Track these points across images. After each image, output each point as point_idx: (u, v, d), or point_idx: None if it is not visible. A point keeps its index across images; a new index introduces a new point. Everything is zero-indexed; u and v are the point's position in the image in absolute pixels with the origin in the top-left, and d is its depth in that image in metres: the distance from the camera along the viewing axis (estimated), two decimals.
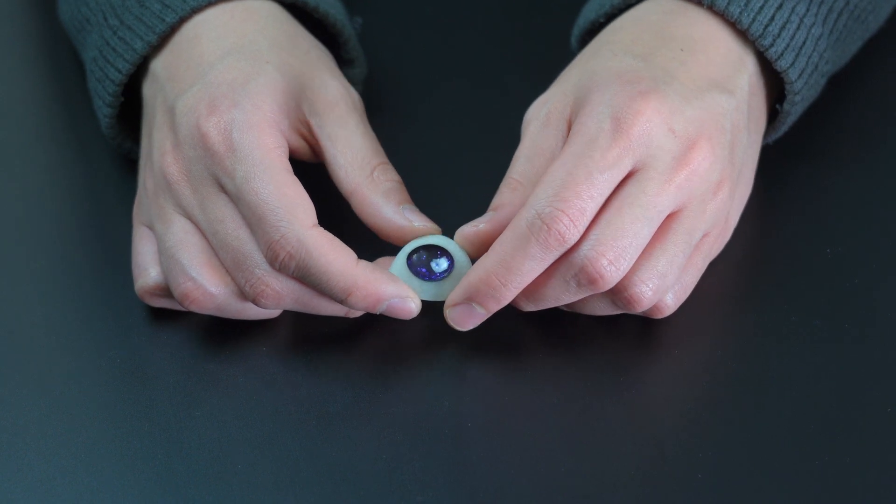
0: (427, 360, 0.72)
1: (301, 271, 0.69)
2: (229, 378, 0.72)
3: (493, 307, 0.70)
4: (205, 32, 0.75)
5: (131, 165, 0.80)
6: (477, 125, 0.84)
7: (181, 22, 0.76)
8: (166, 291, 0.73)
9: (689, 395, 0.71)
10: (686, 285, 0.72)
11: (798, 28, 0.74)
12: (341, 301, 0.70)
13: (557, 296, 0.70)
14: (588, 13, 0.78)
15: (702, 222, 0.71)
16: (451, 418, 0.70)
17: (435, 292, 0.72)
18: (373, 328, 0.73)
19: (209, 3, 0.76)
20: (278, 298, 0.70)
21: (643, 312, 0.72)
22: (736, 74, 0.73)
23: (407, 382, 0.72)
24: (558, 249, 0.68)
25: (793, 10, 0.74)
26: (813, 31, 0.75)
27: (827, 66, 0.77)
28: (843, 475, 0.67)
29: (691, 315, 0.73)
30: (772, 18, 0.73)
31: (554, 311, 0.73)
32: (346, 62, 0.82)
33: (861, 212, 0.78)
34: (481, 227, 0.72)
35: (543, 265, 0.69)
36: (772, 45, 0.73)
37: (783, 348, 0.72)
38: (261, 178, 0.70)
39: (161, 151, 0.73)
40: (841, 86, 0.83)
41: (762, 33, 0.73)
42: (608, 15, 0.77)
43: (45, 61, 0.91)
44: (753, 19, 0.73)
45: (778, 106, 0.77)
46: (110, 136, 0.79)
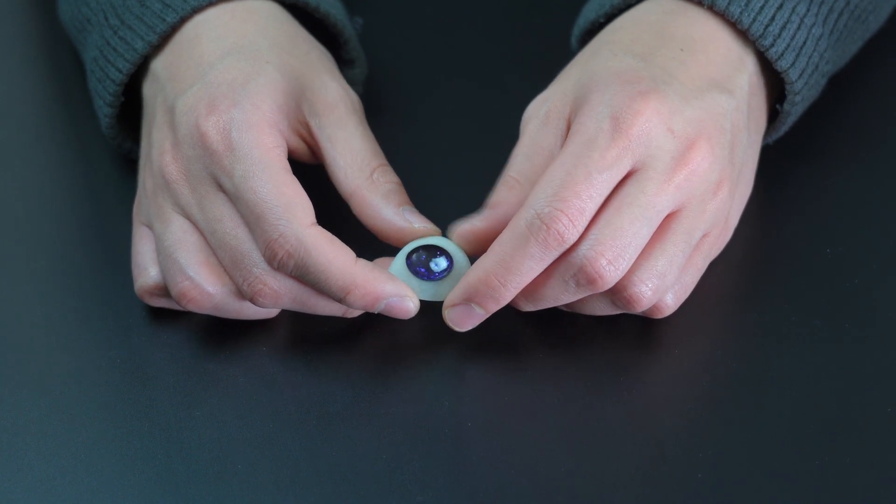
0: (427, 360, 0.72)
1: (299, 270, 0.69)
2: (229, 378, 0.72)
3: (492, 307, 0.70)
4: (205, 32, 0.75)
5: (131, 165, 0.80)
6: (477, 125, 0.84)
7: (182, 22, 0.76)
8: (166, 291, 0.73)
9: (689, 395, 0.71)
10: (686, 285, 0.72)
11: (798, 28, 0.74)
12: (339, 299, 0.70)
13: (556, 296, 0.70)
14: (588, 13, 0.78)
15: (701, 222, 0.71)
16: (451, 418, 0.70)
17: (434, 292, 0.72)
18: (372, 328, 0.73)
19: (210, 3, 0.76)
20: (276, 297, 0.70)
21: (643, 312, 0.72)
22: (736, 74, 0.73)
23: (407, 382, 0.72)
24: (557, 249, 0.68)
25: (793, 10, 0.74)
26: (813, 31, 0.75)
27: (827, 67, 0.77)
28: (843, 475, 0.67)
29: (691, 315, 0.73)
30: (772, 18, 0.73)
31: (553, 312, 0.73)
32: (346, 62, 0.82)
33: (861, 212, 0.78)
34: (477, 224, 0.72)
35: (543, 265, 0.69)
36: (772, 45, 0.73)
37: (783, 348, 0.72)
38: (259, 176, 0.70)
39: (160, 151, 0.73)
40: (841, 86, 0.83)
41: (763, 33, 0.73)
42: (608, 15, 0.77)
43: (45, 61, 0.91)
44: (754, 19, 0.73)
45: (778, 106, 0.77)
46: (111, 136, 0.79)
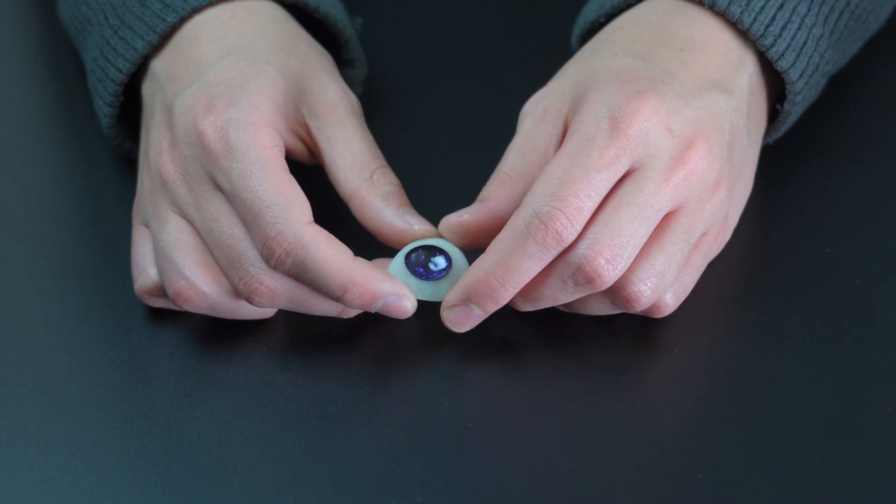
0: (427, 361, 0.72)
1: (297, 268, 0.69)
2: (229, 378, 0.72)
3: (491, 308, 0.70)
4: (205, 32, 0.75)
5: (131, 165, 0.80)
6: (477, 125, 0.84)
7: (182, 21, 0.76)
8: (165, 291, 0.73)
9: (689, 395, 0.71)
10: (685, 284, 0.72)
11: (799, 28, 0.74)
12: (337, 298, 0.70)
13: (555, 295, 0.70)
14: (588, 13, 0.78)
15: (700, 221, 0.71)
16: (451, 418, 0.70)
17: (432, 292, 0.71)
18: (372, 328, 0.73)
19: (210, 3, 0.76)
20: (272, 297, 0.70)
21: (643, 312, 0.72)
22: (736, 74, 0.73)
23: (407, 382, 0.72)
24: (556, 248, 0.68)
25: (794, 10, 0.74)
26: (814, 31, 0.75)
27: (828, 67, 0.77)
28: (843, 475, 0.67)
29: (691, 315, 0.73)
30: (773, 18, 0.73)
31: (552, 312, 0.73)
32: (346, 62, 0.82)
33: (861, 212, 0.78)
34: (465, 217, 0.72)
35: (541, 264, 0.69)
36: (773, 45, 0.73)
37: (783, 348, 0.72)
38: (257, 175, 0.70)
39: (158, 150, 0.73)
40: (841, 86, 0.83)
41: (763, 33, 0.73)
42: (608, 15, 0.77)
43: (45, 61, 0.91)
44: (755, 19, 0.73)
45: (778, 106, 0.77)
46: (111, 136, 0.79)
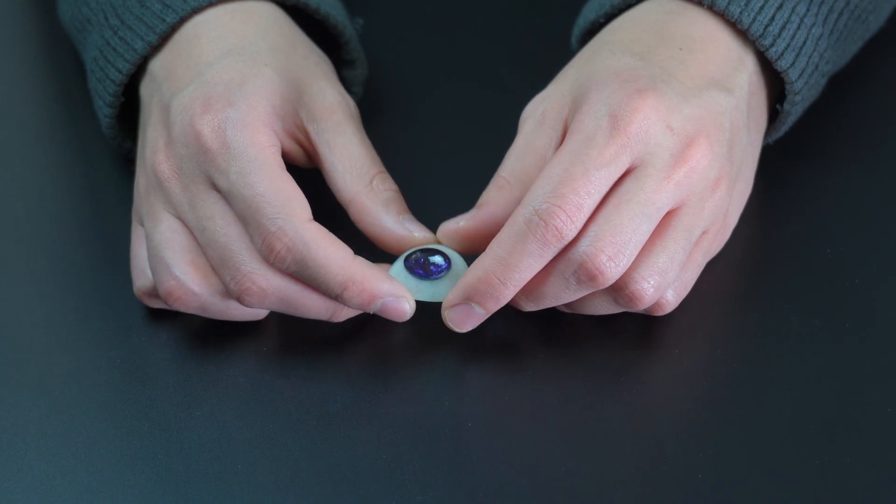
0: (427, 361, 0.72)
1: (298, 265, 0.69)
2: (229, 378, 0.72)
3: (492, 307, 0.70)
4: (204, 33, 0.75)
5: (131, 165, 0.80)
6: (477, 125, 0.84)
7: (181, 22, 0.76)
8: None
9: (689, 395, 0.71)
10: (686, 282, 0.72)
11: (798, 28, 0.74)
12: (336, 296, 0.70)
13: (557, 294, 0.70)
14: (588, 13, 0.78)
15: (701, 219, 0.71)
16: (451, 418, 0.70)
17: (432, 292, 0.71)
18: (373, 328, 0.73)
19: (210, 4, 0.76)
20: (263, 296, 0.70)
21: (644, 310, 0.72)
22: (735, 74, 0.73)
23: (407, 382, 0.72)
24: (556, 246, 0.68)
25: (793, 10, 0.74)
26: (813, 31, 0.75)
27: (827, 66, 0.77)
28: (843, 475, 0.67)
29: (691, 315, 0.73)
30: (772, 18, 0.73)
31: (553, 312, 0.73)
32: (346, 63, 0.82)
33: (861, 212, 0.78)
34: (461, 224, 0.72)
35: (542, 262, 0.69)
36: (772, 44, 0.73)
37: (783, 348, 0.72)
38: (256, 173, 0.70)
39: (153, 149, 0.73)
40: (841, 86, 0.83)
41: (762, 33, 0.73)
42: (608, 15, 0.77)
43: (45, 61, 0.91)
44: (754, 19, 0.73)
45: (778, 106, 0.77)
46: (110, 136, 0.79)
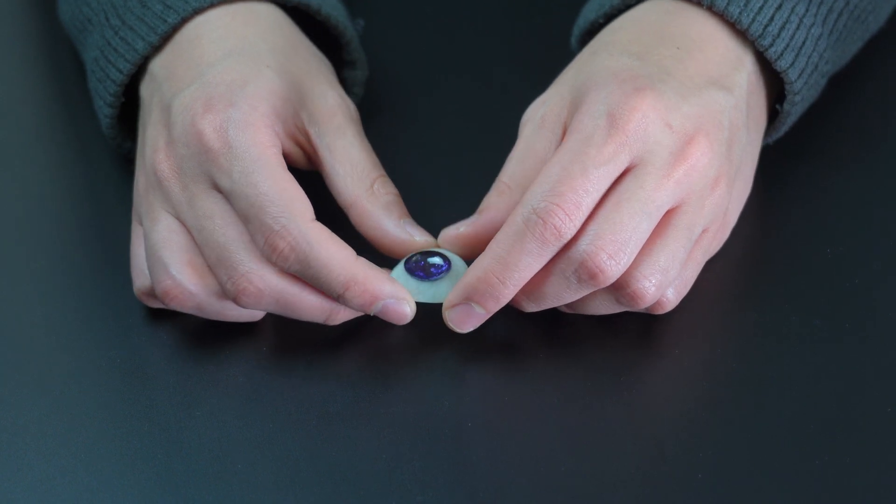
0: (427, 360, 0.72)
1: (301, 264, 0.69)
2: (229, 378, 0.72)
3: (493, 306, 0.70)
4: (206, 33, 0.75)
5: (131, 165, 0.80)
6: (477, 125, 0.84)
7: (183, 22, 0.76)
8: None
9: (689, 395, 0.71)
10: (686, 280, 0.72)
11: (798, 28, 0.74)
12: (337, 296, 0.70)
13: (559, 293, 0.70)
14: (588, 13, 0.78)
15: (701, 217, 0.71)
16: (451, 418, 0.70)
17: (432, 293, 0.71)
18: (373, 329, 0.73)
19: (211, 5, 0.76)
20: (259, 297, 0.70)
21: (645, 309, 0.71)
22: (734, 73, 0.73)
23: (407, 382, 0.72)
24: (555, 244, 0.68)
25: (792, 10, 0.74)
26: (812, 31, 0.75)
27: (827, 66, 0.77)
28: (843, 475, 0.67)
29: (691, 315, 0.73)
30: (771, 18, 0.73)
31: (553, 312, 0.73)
32: (347, 64, 0.82)
33: (861, 212, 0.78)
34: (461, 230, 0.72)
35: (541, 261, 0.69)
36: (771, 44, 0.73)
37: (783, 348, 0.72)
38: (260, 172, 0.70)
39: (153, 148, 0.73)
40: (841, 86, 0.83)
41: (762, 33, 0.73)
42: (607, 15, 0.77)
43: (45, 61, 0.91)
44: (753, 19, 0.73)
45: (778, 106, 0.77)
46: (111, 136, 0.79)
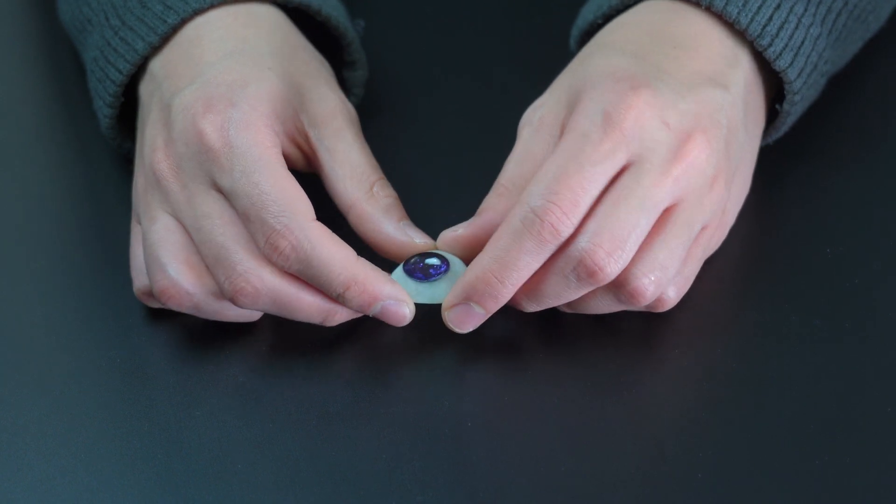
0: (427, 360, 0.72)
1: (301, 263, 0.69)
2: (229, 378, 0.72)
3: (492, 306, 0.70)
4: (206, 34, 0.75)
5: (131, 165, 0.80)
6: (477, 125, 0.84)
7: (183, 23, 0.76)
8: None
9: (689, 395, 0.71)
10: (687, 278, 0.72)
11: (796, 28, 0.74)
12: (337, 295, 0.70)
13: (558, 292, 0.70)
14: (586, 14, 0.78)
15: (700, 214, 0.71)
16: (451, 418, 0.70)
17: (431, 294, 0.71)
18: (373, 329, 0.73)
19: (211, 5, 0.76)
20: (256, 297, 0.70)
21: (646, 306, 0.71)
22: (730, 71, 0.73)
23: (407, 382, 0.72)
24: (553, 242, 0.68)
25: (791, 10, 0.74)
26: (811, 30, 0.75)
27: (827, 66, 0.77)
28: (843, 475, 0.67)
29: (691, 315, 0.73)
30: (770, 18, 0.73)
31: (553, 311, 0.73)
32: (348, 65, 0.82)
33: (861, 212, 0.78)
34: (459, 231, 0.72)
35: (539, 260, 0.69)
36: (770, 44, 0.73)
37: (783, 348, 0.72)
38: (261, 172, 0.70)
39: (152, 148, 0.73)
40: (841, 86, 0.83)
41: (760, 33, 0.73)
42: (605, 16, 0.77)
43: (45, 61, 0.91)
44: (752, 19, 0.73)
45: (778, 106, 0.77)
46: (110, 136, 0.79)
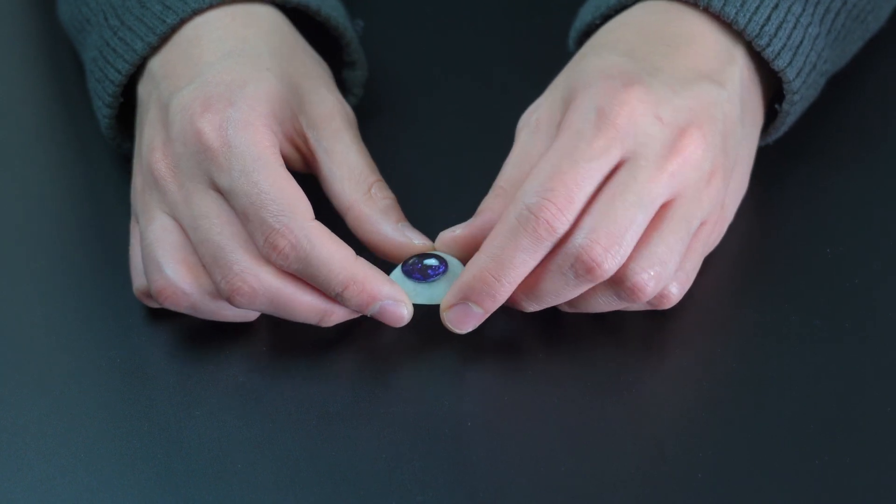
0: (427, 360, 0.72)
1: (301, 262, 0.69)
2: (229, 378, 0.72)
3: (490, 305, 0.70)
4: (205, 34, 0.75)
5: (131, 165, 0.80)
6: (477, 125, 0.84)
7: (181, 23, 0.76)
8: None
9: (689, 395, 0.71)
10: (688, 273, 0.72)
11: (794, 27, 0.74)
12: (336, 294, 0.70)
13: (557, 290, 0.70)
14: (584, 15, 0.78)
15: (698, 209, 0.70)
16: (451, 418, 0.70)
17: (429, 294, 0.71)
18: (373, 329, 0.73)
19: (210, 5, 0.76)
20: (253, 296, 0.70)
21: (649, 304, 0.71)
22: (726, 67, 0.73)
23: (407, 382, 0.72)
24: (548, 239, 0.68)
25: (789, 10, 0.74)
26: (810, 30, 0.75)
27: (826, 66, 0.77)
28: (843, 475, 0.67)
29: (691, 315, 0.73)
30: (768, 18, 0.73)
31: (553, 311, 0.73)
32: (347, 65, 0.82)
33: (861, 212, 0.78)
34: (457, 232, 0.72)
35: (536, 257, 0.69)
36: (768, 44, 0.73)
37: (783, 348, 0.72)
38: (260, 171, 0.70)
39: (150, 147, 0.73)
40: (841, 86, 0.83)
41: (758, 33, 0.73)
42: (603, 17, 0.77)
43: (45, 61, 0.91)
44: (749, 19, 0.73)
45: (777, 105, 0.77)
46: (110, 136, 0.79)
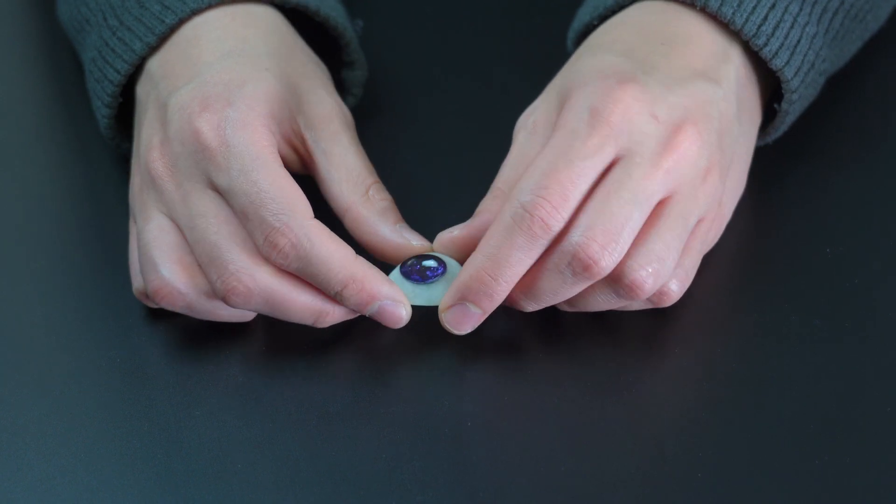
0: (427, 360, 0.72)
1: (301, 261, 0.69)
2: (229, 378, 0.72)
3: (488, 305, 0.70)
4: (204, 34, 0.75)
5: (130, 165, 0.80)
6: (477, 125, 0.84)
7: (180, 23, 0.76)
8: None
9: (689, 395, 0.71)
10: (688, 271, 0.71)
11: (792, 27, 0.74)
12: (336, 293, 0.70)
13: (555, 289, 0.70)
14: (582, 15, 0.78)
15: (695, 206, 0.70)
16: (451, 418, 0.70)
17: (427, 296, 0.71)
18: (373, 329, 0.73)
19: (209, 5, 0.76)
20: (248, 296, 0.70)
21: (649, 302, 0.71)
22: (721, 66, 0.73)
23: (407, 382, 0.72)
24: (544, 237, 0.68)
25: (786, 10, 0.74)
26: (807, 29, 0.75)
27: (824, 65, 0.77)
28: (843, 475, 0.67)
29: (691, 315, 0.73)
30: (765, 18, 0.73)
31: (553, 311, 0.73)
32: (347, 65, 0.82)
33: (861, 212, 0.78)
34: (455, 233, 0.72)
35: (532, 255, 0.69)
36: (766, 44, 0.73)
37: (783, 348, 0.72)
38: (259, 171, 0.70)
39: (148, 147, 0.73)
40: (841, 86, 0.83)
41: (756, 33, 0.73)
42: (601, 17, 0.77)
43: (45, 61, 0.91)
44: (746, 19, 0.73)
45: (776, 105, 0.77)
46: (109, 136, 0.79)
